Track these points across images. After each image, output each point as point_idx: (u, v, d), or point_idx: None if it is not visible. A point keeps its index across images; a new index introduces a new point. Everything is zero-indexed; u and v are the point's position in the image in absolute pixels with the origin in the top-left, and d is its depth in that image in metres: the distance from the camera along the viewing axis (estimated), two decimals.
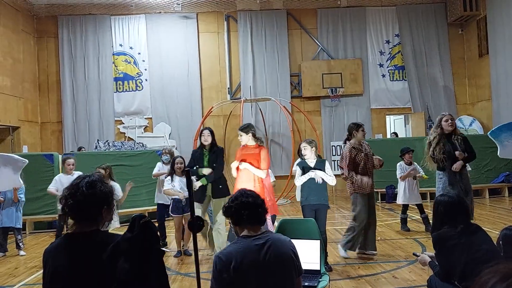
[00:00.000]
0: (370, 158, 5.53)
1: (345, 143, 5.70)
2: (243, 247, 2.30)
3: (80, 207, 1.87)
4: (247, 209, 2.37)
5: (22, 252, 6.69)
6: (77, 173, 6.52)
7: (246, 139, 5.27)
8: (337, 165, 13.27)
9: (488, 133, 5.43)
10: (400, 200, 7.29)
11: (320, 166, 5.14)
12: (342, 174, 5.55)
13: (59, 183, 6.57)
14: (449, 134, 5.23)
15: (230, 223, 5.30)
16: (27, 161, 6.13)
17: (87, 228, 1.88)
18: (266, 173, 5.24)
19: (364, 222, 5.41)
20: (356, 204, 5.44)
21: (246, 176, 5.22)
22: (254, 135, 5.30)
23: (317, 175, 5.03)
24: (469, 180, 5.41)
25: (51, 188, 6.65)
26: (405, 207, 7.24)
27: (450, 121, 5.22)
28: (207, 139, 5.63)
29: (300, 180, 5.14)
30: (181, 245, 6.23)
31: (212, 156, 5.61)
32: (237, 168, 5.34)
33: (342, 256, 5.56)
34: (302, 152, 5.28)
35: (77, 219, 1.90)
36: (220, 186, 5.58)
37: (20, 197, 6.79)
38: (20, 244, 6.76)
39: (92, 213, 1.89)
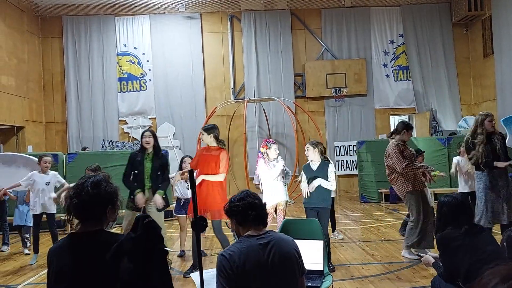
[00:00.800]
0: (414, 158, 5.49)
1: (388, 138, 5.69)
2: (246, 246, 2.31)
3: (85, 207, 1.88)
4: (254, 210, 2.38)
5: (26, 251, 6.74)
6: (52, 173, 6.34)
7: (207, 139, 5.08)
8: (341, 166, 13.29)
9: (501, 120, 5.38)
10: None
11: (322, 168, 5.08)
12: (389, 175, 5.48)
13: (33, 181, 6.16)
14: (489, 134, 5.06)
15: (226, 223, 5.30)
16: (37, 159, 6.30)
17: (92, 227, 1.89)
18: (224, 176, 5.06)
19: (423, 218, 5.27)
20: (411, 202, 5.33)
21: (203, 183, 5.02)
22: (216, 137, 5.07)
23: (314, 185, 4.99)
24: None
25: (20, 181, 6.19)
26: None
27: (493, 121, 5.08)
28: (148, 141, 5.23)
29: (302, 186, 5.21)
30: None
31: (156, 163, 5.25)
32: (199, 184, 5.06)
33: (410, 258, 5.36)
34: (305, 153, 5.25)
35: (81, 219, 1.92)
36: (164, 196, 5.26)
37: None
38: (27, 242, 6.84)
39: (96, 213, 1.90)
